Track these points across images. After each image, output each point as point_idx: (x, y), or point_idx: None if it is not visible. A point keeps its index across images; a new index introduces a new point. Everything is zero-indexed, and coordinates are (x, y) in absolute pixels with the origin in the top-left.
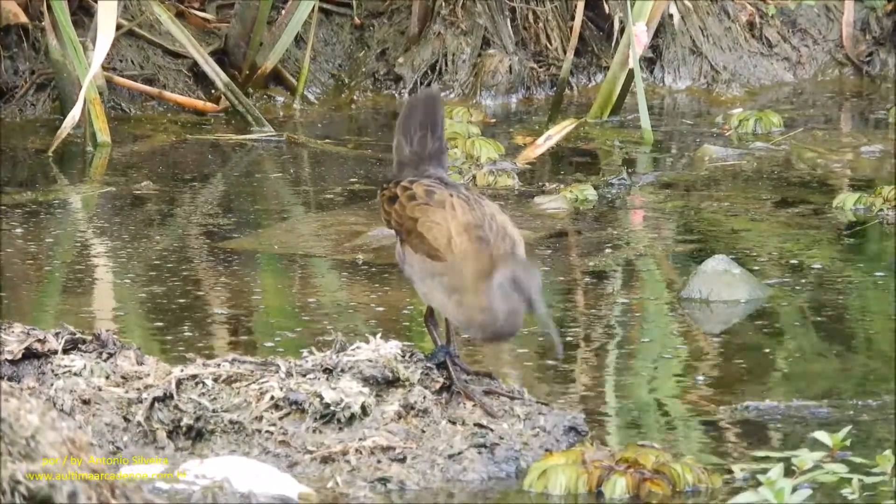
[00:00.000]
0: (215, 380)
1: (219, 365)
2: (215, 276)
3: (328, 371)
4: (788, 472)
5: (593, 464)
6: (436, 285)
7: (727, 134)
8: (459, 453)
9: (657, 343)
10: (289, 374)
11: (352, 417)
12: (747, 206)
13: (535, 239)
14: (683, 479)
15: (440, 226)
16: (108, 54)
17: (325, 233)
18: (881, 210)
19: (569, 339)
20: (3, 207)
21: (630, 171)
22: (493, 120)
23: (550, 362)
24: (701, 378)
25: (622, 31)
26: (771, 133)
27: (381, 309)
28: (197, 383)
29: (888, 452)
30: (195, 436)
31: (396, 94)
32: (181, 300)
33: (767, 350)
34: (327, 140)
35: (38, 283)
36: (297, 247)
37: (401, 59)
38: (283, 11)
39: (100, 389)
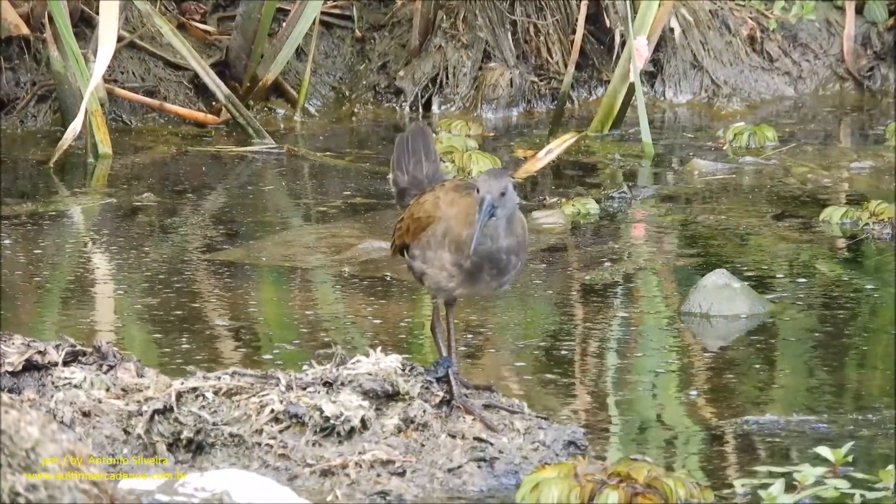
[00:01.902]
0: (215, 392)
1: (219, 378)
2: (214, 288)
3: (328, 384)
4: (789, 487)
5: (585, 477)
6: (434, 251)
7: (723, 148)
8: (459, 467)
9: (657, 357)
10: (289, 388)
11: (351, 431)
12: (746, 220)
13: (534, 252)
14: (675, 493)
15: (428, 200)
16: (109, 66)
17: (317, 245)
18: (867, 224)
19: (567, 353)
20: (3, 218)
21: (631, 184)
22: (493, 133)
23: (550, 376)
24: (701, 392)
25: (623, 44)
26: (764, 147)
27: (377, 321)
28: (197, 396)
29: (891, 468)
30: (195, 449)
31: (397, 107)
32: (180, 312)
33: (767, 364)
34: (328, 153)
35: (39, 295)
36: (289, 259)
37: (402, 72)
38: (284, 24)
39: (100, 402)
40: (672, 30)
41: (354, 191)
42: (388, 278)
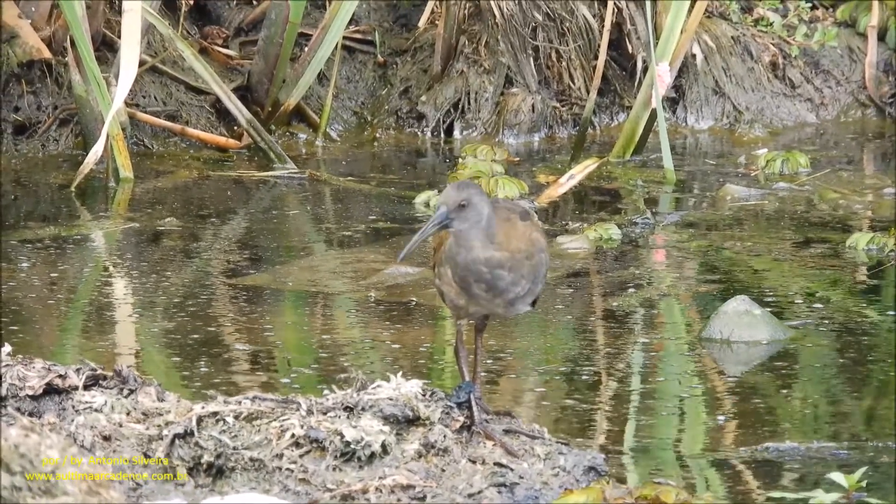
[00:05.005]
0: (236, 417)
1: (239, 402)
2: (237, 312)
3: (349, 409)
4: None
5: (614, 501)
6: (444, 267)
7: (754, 174)
8: (479, 492)
9: (677, 383)
10: (309, 412)
11: (372, 456)
12: (770, 247)
13: (557, 277)
14: None
15: None
16: (131, 90)
17: (342, 270)
18: (892, 251)
19: (588, 378)
20: (25, 242)
21: (654, 210)
22: (517, 159)
23: (571, 401)
24: (721, 418)
25: (645, 70)
26: (798, 173)
27: (397, 346)
28: (218, 420)
29: None
30: (215, 473)
31: (419, 132)
32: (202, 336)
33: (788, 391)
34: (350, 177)
35: (59, 319)
36: (315, 284)
37: (423, 97)
38: (306, 49)
39: (120, 426)
40: (694, 56)
41: (379, 215)
42: (414, 304)
